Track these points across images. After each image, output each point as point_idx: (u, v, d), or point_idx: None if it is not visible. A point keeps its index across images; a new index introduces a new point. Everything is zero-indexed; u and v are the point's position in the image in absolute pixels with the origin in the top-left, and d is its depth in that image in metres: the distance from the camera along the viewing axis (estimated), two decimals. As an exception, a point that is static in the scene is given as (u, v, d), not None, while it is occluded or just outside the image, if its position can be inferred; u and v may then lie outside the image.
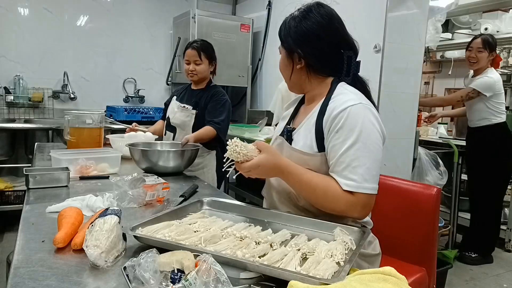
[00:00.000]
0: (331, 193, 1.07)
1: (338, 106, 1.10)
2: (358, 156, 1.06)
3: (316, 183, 1.08)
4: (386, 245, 1.30)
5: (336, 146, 1.08)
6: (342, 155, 1.07)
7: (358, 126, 1.06)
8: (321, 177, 1.10)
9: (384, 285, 0.76)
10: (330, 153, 1.10)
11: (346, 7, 2.91)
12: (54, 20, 3.75)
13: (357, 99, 1.11)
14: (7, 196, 3.22)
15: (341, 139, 1.07)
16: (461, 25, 4.29)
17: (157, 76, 4.28)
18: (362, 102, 1.11)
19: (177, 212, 1.16)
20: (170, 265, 0.78)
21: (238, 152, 1.06)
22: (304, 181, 1.10)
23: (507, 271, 3.01)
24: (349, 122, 1.07)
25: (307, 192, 1.11)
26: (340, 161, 1.07)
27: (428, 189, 1.59)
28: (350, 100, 1.10)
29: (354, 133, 1.06)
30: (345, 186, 1.06)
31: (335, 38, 1.21)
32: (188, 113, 2.33)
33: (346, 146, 1.06)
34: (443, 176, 2.91)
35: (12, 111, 3.67)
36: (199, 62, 2.32)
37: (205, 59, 2.33)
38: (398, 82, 2.67)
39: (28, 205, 1.28)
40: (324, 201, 1.10)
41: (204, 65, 2.33)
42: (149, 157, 1.81)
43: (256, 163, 1.07)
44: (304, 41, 1.17)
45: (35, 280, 0.79)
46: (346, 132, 1.07)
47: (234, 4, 4.55)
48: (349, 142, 1.06)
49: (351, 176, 1.05)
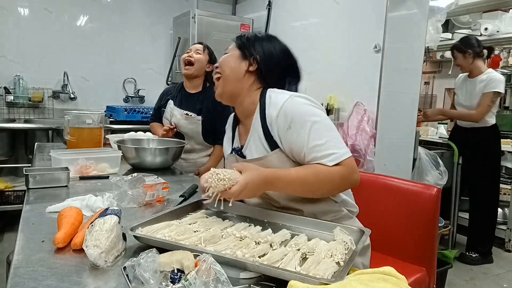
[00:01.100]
0: (322, 175, 1.09)
1: (275, 109, 1.14)
2: (320, 134, 1.11)
3: (305, 174, 1.10)
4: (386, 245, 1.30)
5: (297, 140, 1.12)
6: (308, 143, 1.10)
7: (302, 112, 1.12)
8: (304, 168, 1.12)
9: (384, 285, 0.76)
10: (295, 149, 1.13)
11: (346, 7, 2.92)
12: (54, 20, 3.75)
13: (286, 94, 1.16)
14: (7, 196, 3.22)
15: (296, 132, 1.12)
16: (461, 25, 4.29)
17: (157, 76, 4.28)
18: (292, 94, 1.16)
19: (177, 212, 1.16)
20: (170, 265, 0.78)
21: (223, 179, 1.02)
22: (294, 179, 1.09)
23: (507, 271, 3.01)
24: (292, 116, 1.12)
25: (302, 187, 1.11)
26: (310, 149, 1.11)
27: (428, 189, 1.58)
28: (281, 99, 1.15)
29: (305, 119, 1.12)
30: (330, 162, 1.09)
31: (290, 61, 1.29)
32: (194, 121, 2.29)
33: (306, 135, 1.10)
34: (443, 176, 2.91)
35: (12, 111, 3.67)
36: (200, 52, 2.30)
37: (207, 55, 2.32)
38: (398, 82, 2.67)
39: (28, 205, 1.28)
40: (320, 186, 1.11)
41: (203, 57, 2.30)
42: (138, 153, 1.90)
43: (244, 183, 1.03)
44: (264, 50, 1.24)
45: (35, 280, 0.79)
46: (296, 125, 1.12)
47: (234, 4, 4.55)
48: (305, 130, 1.11)
49: (328, 152, 1.10)
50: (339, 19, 2.96)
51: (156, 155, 1.91)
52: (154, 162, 1.90)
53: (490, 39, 3.82)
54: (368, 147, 2.56)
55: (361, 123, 2.61)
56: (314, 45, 3.18)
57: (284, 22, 3.62)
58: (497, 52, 4.66)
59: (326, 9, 3.07)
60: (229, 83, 1.24)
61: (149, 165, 1.89)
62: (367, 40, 2.69)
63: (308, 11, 3.30)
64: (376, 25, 2.62)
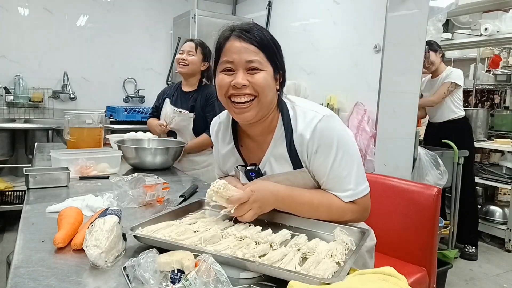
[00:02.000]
0: (335, 207, 1.08)
1: (307, 129, 1.07)
2: (345, 166, 1.07)
3: (318, 201, 1.08)
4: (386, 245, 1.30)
5: (321, 166, 1.08)
6: (330, 171, 1.07)
7: (331, 139, 1.06)
8: (319, 194, 1.10)
9: (384, 285, 0.76)
10: (318, 173, 1.10)
11: (346, 7, 2.92)
12: (54, 20, 3.75)
13: (318, 112, 1.08)
14: (7, 196, 3.22)
15: (323, 157, 1.07)
16: (461, 25, 4.29)
17: (157, 76, 4.28)
18: (324, 114, 1.08)
19: (177, 212, 1.16)
20: (170, 265, 0.78)
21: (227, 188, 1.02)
22: (306, 202, 1.08)
23: (507, 271, 3.01)
24: (323, 140, 1.06)
25: (310, 212, 1.09)
26: (331, 178, 1.08)
27: (428, 189, 1.58)
28: (314, 118, 1.07)
29: (333, 147, 1.06)
30: (346, 199, 1.08)
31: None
32: (185, 117, 2.32)
33: (331, 162, 1.07)
34: (443, 176, 2.91)
35: (12, 111, 3.67)
36: (193, 53, 2.29)
37: (200, 54, 2.31)
38: (398, 82, 2.67)
39: (28, 205, 1.28)
40: (329, 217, 1.09)
41: (196, 58, 2.30)
42: (138, 153, 1.90)
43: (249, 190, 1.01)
44: (281, 55, 1.11)
45: (35, 280, 0.79)
46: (324, 150, 1.06)
47: (234, 4, 4.55)
48: (332, 157, 1.06)
49: (346, 186, 1.07)
50: (339, 19, 2.96)
51: (156, 155, 1.91)
52: (154, 162, 1.91)
53: (490, 39, 3.82)
54: (368, 147, 2.56)
55: (361, 123, 2.61)
56: (314, 45, 3.18)
57: (284, 22, 3.62)
58: (497, 52, 4.66)
59: (326, 9, 3.07)
60: (265, 106, 1.08)
61: (149, 165, 1.89)
62: (367, 40, 2.69)
63: (308, 11, 3.30)
64: (376, 25, 2.62)
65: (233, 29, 1.07)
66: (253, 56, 1.03)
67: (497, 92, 5.01)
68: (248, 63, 1.03)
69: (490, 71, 4.62)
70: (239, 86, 1.03)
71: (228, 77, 1.05)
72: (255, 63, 1.04)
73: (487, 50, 4.62)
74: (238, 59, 1.03)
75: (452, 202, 3.21)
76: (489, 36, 3.75)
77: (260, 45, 1.05)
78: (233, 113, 1.10)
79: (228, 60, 1.04)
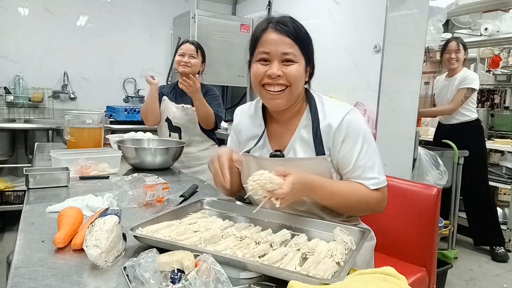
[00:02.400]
0: (362, 195, 1.12)
1: (335, 119, 1.13)
2: (369, 156, 1.14)
3: (347, 190, 1.11)
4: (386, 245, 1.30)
5: (347, 154, 1.13)
6: (357, 160, 1.13)
7: (358, 131, 1.14)
8: (347, 184, 1.14)
9: (384, 285, 0.76)
10: (344, 161, 1.14)
11: (346, 7, 2.92)
12: (54, 20, 3.75)
13: (346, 106, 1.17)
14: (7, 196, 3.22)
15: (350, 146, 1.13)
16: (461, 25, 4.29)
17: (157, 76, 4.24)
18: (352, 108, 1.17)
19: (177, 212, 1.16)
20: (170, 265, 0.78)
21: (270, 182, 0.98)
22: (336, 191, 1.11)
23: (507, 271, 3.01)
24: (350, 131, 1.13)
25: (340, 201, 1.12)
26: (356, 166, 1.13)
27: (428, 189, 1.58)
28: (342, 110, 1.15)
29: (359, 138, 1.13)
30: (372, 186, 1.13)
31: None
32: (189, 112, 2.34)
33: (357, 151, 1.13)
34: (443, 176, 2.91)
35: (12, 111, 3.67)
36: (195, 56, 2.34)
37: (200, 56, 2.38)
38: (398, 82, 2.67)
39: (28, 205, 1.28)
40: (357, 205, 1.13)
41: (198, 61, 2.36)
42: (138, 153, 1.90)
43: (292, 183, 0.99)
44: (313, 50, 1.18)
45: (35, 280, 0.79)
46: (351, 140, 1.13)
47: (234, 4, 4.55)
48: (358, 147, 1.13)
49: (371, 175, 1.13)
50: (339, 19, 2.96)
51: (156, 155, 1.91)
52: (154, 162, 1.91)
53: (490, 39, 3.82)
54: (368, 147, 2.56)
55: (361, 123, 2.61)
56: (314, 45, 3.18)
57: (284, 22, 3.61)
58: (497, 52, 4.66)
59: (326, 9, 3.08)
60: (295, 96, 1.15)
61: (149, 165, 1.89)
62: (367, 40, 2.69)
63: (308, 11, 3.30)
64: (376, 25, 2.62)
65: (270, 21, 1.12)
66: (289, 48, 1.09)
67: (497, 92, 5.01)
68: (283, 55, 1.09)
69: (490, 71, 4.61)
70: (274, 76, 1.09)
71: (263, 67, 1.11)
72: (290, 55, 1.10)
73: (487, 50, 4.62)
74: (274, 50, 1.09)
75: (452, 202, 3.21)
76: (489, 36, 3.75)
77: (295, 38, 1.10)
78: (266, 99, 1.17)
79: (265, 51, 1.10)
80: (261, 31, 1.12)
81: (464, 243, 3.45)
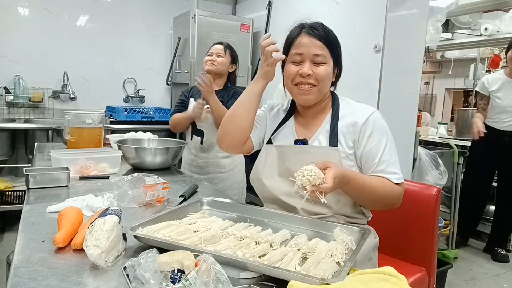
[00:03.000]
0: (389, 188, 1.18)
1: (361, 116, 1.23)
2: (392, 153, 1.22)
3: (376, 183, 1.16)
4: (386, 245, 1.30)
5: (374, 148, 1.21)
6: (382, 155, 1.20)
7: (383, 128, 1.23)
8: (373, 177, 1.19)
9: (384, 285, 0.76)
10: (369, 155, 1.21)
11: (346, 7, 2.92)
12: (54, 20, 3.75)
13: (371, 107, 1.27)
14: (7, 196, 3.22)
15: (375, 142, 1.21)
16: (461, 25, 4.29)
17: (157, 76, 4.28)
18: (376, 109, 1.26)
19: (177, 212, 1.16)
20: (170, 265, 0.78)
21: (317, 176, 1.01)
22: (367, 184, 1.15)
23: (507, 271, 3.01)
24: (376, 127, 1.22)
25: (369, 194, 1.16)
26: (382, 161, 1.20)
27: (428, 189, 1.59)
28: (368, 109, 1.25)
29: (384, 135, 1.22)
30: (395, 180, 1.19)
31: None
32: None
33: (383, 147, 1.20)
34: (443, 176, 2.91)
35: (12, 111, 3.67)
36: (222, 55, 2.27)
37: (228, 56, 2.30)
38: (398, 82, 2.67)
39: (28, 205, 1.28)
40: (384, 198, 1.18)
41: (225, 59, 2.28)
42: (138, 153, 1.90)
43: (334, 177, 1.03)
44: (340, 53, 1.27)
45: (35, 280, 0.79)
46: (377, 136, 1.21)
47: (234, 4, 4.55)
48: (383, 143, 1.21)
49: (395, 170, 1.20)
50: (339, 19, 2.96)
51: (156, 155, 1.92)
52: (154, 162, 1.91)
53: (490, 39, 3.82)
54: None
55: (361, 123, 2.61)
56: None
57: (284, 22, 3.61)
58: (497, 52, 4.66)
59: (326, 9, 3.07)
60: (322, 94, 1.26)
61: (149, 165, 1.89)
62: (367, 40, 2.68)
63: (308, 11, 3.30)
64: (376, 25, 2.62)
65: (303, 26, 1.23)
66: (319, 50, 1.20)
67: (497, 92, 5.00)
68: (314, 56, 1.20)
69: (490, 71, 4.62)
70: (305, 75, 1.20)
71: (296, 67, 1.22)
72: (320, 57, 1.20)
73: (487, 50, 4.62)
74: (306, 52, 1.20)
75: (452, 202, 3.21)
76: (489, 36, 3.75)
77: (325, 41, 1.21)
78: (296, 95, 1.27)
79: (298, 52, 1.21)
80: (295, 36, 1.23)
81: (464, 243, 3.45)
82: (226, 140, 1.32)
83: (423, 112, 4.36)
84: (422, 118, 4.06)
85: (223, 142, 1.33)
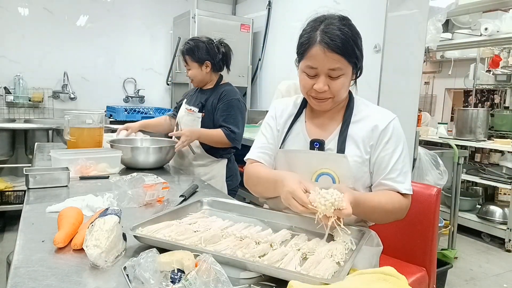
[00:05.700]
0: (397, 202, 1.15)
1: (382, 122, 1.20)
2: (405, 163, 1.20)
3: (385, 201, 1.13)
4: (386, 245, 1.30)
5: (387, 155, 1.18)
6: (396, 163, 1.18)
7: (401, 137, 1.22)
8: (380, 193, 1.17)
9: (384, 285, 0.76)
10: (382, 161, 1.19)
11: (346, 7, 2.90)
12: (54, 20, 3.75)
13: (390, 113, 1.24)
14: (7, 196, 3.22)
15: (391, 149, 1.19)
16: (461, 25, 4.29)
17: (157, 76, 4.28)
18: (395, 116, 1.24)
19: (177, 212, 1.16)
20: (170, 265, 0.78)
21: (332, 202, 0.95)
22: (376, 205, 1.12)
23: (507, 271, 3.01)
24: (395, 135, 1.20)
25: (378, 214, 1.14)
26: (394, 169, 1.18)
27: (428, 189, 1.59)
28: (388, 115, 1.23)
29: (400, 144, 1.20)
30: (404, 190, 1.17)
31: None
32: (194, 117, 2.15)
33: (397, 155, 1.18)
34: (443, 176, 2.91)
35: (12, 111, 3.67)
36: (189, 67, 2.15)
37: (192, 62, 2.13)
38: (398, 82, 2.67)
39: (28, 205, 1.28)
40: (392, 214, 1.16)
41: (193, 70, 2.13)
42: (131, 152, 1.89)
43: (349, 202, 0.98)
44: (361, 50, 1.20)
45: (35, 280, 0.79)
46: (394, 143, 1.19)
47: (234, 4, 4.55)
48: (399, 152, 1.19)
49: (404, 180, 1.18)
50: (339, 19, 2.95)
51: (149, 154, 1.91)
52: (147, 161, 1.90)
53: (490, 39, 3.82)
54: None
55: (361, 123, 2.61)
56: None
57: (284, 22, 3.62)
58: (497, 52, 4.67)
59: (326, 9, 3.07)
60: (338, 102, 1.22)
61: (142, 165, 1.89)
62: (367, 40, 2.66)
63: (308, 11, 3.28)
64: (376, 25, 2.62)
65: (317, 29, 1.15)
66: (335, 64, 1.12)
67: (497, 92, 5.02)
68: (330, 70, 1.13)
69: (490, 71, 4.62)
70: (321, 91, 1.15)
71: (311, 80, 1.16)
72: (336, 71, 1.13)
73: (487, 50, 4.62)
74: (321, 67, 1.12)
75: (452, 202, 3.21)
76: (489, 36, 3.74)
77: (342, 52, 1.11)
78: (312, 103, 1.23)
79: (312, 66, 1.14)
80: (308, 46, 1.14)
81: (464, 243, 3.45)
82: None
83: (423, 112, 4.36)
84: (422, 118, 4.05)
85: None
